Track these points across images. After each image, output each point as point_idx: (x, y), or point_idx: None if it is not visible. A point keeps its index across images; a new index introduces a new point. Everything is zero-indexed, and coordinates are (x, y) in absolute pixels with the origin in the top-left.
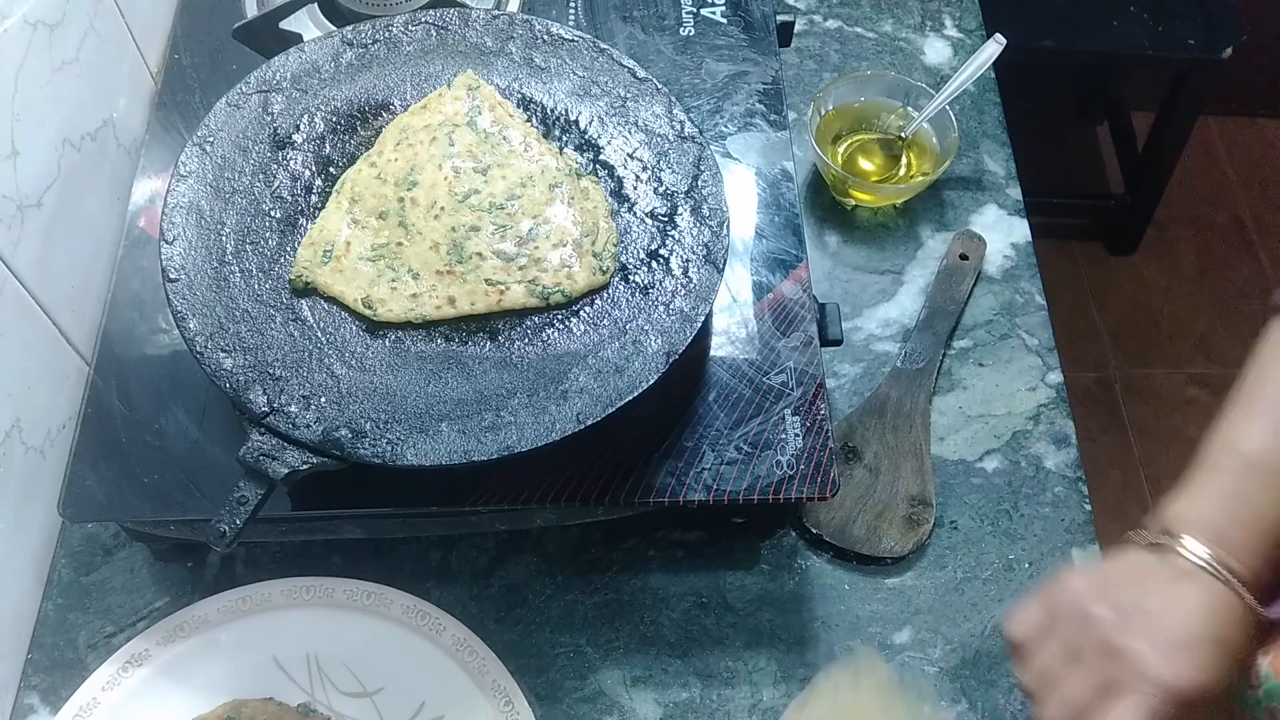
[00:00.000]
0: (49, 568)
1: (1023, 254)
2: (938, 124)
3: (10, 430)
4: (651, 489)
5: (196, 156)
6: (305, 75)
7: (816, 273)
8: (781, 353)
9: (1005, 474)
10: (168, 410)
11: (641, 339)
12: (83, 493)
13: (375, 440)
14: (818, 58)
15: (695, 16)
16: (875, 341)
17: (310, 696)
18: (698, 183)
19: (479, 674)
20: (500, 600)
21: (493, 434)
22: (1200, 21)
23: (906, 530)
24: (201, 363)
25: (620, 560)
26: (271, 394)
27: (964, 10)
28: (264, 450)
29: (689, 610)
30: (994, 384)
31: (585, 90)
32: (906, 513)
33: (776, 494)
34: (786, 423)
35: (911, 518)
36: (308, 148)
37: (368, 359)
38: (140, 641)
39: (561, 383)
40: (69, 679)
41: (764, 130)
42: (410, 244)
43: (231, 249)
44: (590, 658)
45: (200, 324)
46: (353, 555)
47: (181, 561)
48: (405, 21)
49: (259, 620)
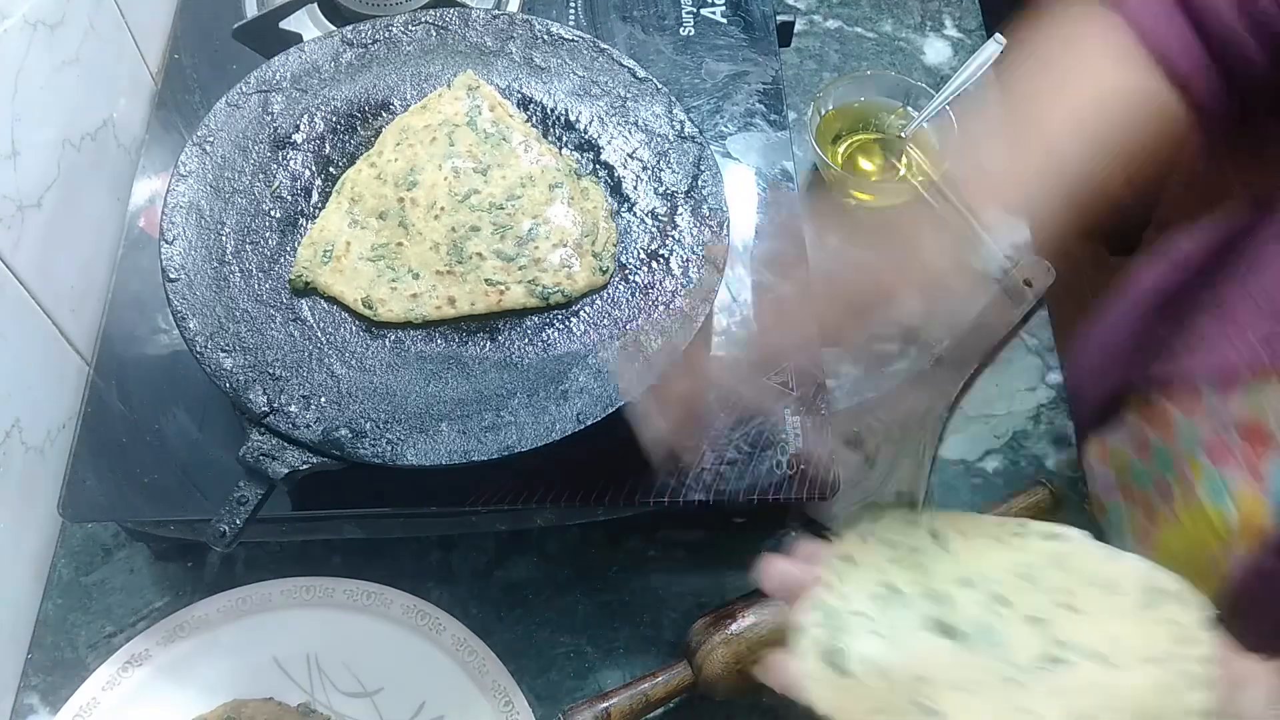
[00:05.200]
0: (49, 568)
1: (1023, 254)
2: (938, 124)
3: (10, 430)
4: (651, 489)
5: (196, 156)
6: (305, 75)
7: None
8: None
9: (1005, 474)
10: (168, 410)
11: (641, 339)
12: (83, 493)
13: (375, 440)
14: (818, 58)
15: (695, 16)
16: (875, 341)
17: (310, 696)
18: (698, 183)
19: (479, 674)
20: (500, 600)
21: (493, 434)
22: None
23: None
24: (201, 362)
25: (620, 560)
26: (271, 394)
27: (964, 10)
28: (264, 450)
29: (689, 610)
30: (994, 384)
31: (585, 90)
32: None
33: (776, 494)
34: (786, 423)
35: None
36: (308, 147)
37: (368, 359)
38: (140, 641)
39: (561, 383)
40: (69, 679)
41: (764, 130)
42: (410, 244)
43: (231, 249)
44: (590, 658)
45: (200, 324)
46: (353, 555)
47: (181, 561)
48: (405, 21)
49: (259, 620)
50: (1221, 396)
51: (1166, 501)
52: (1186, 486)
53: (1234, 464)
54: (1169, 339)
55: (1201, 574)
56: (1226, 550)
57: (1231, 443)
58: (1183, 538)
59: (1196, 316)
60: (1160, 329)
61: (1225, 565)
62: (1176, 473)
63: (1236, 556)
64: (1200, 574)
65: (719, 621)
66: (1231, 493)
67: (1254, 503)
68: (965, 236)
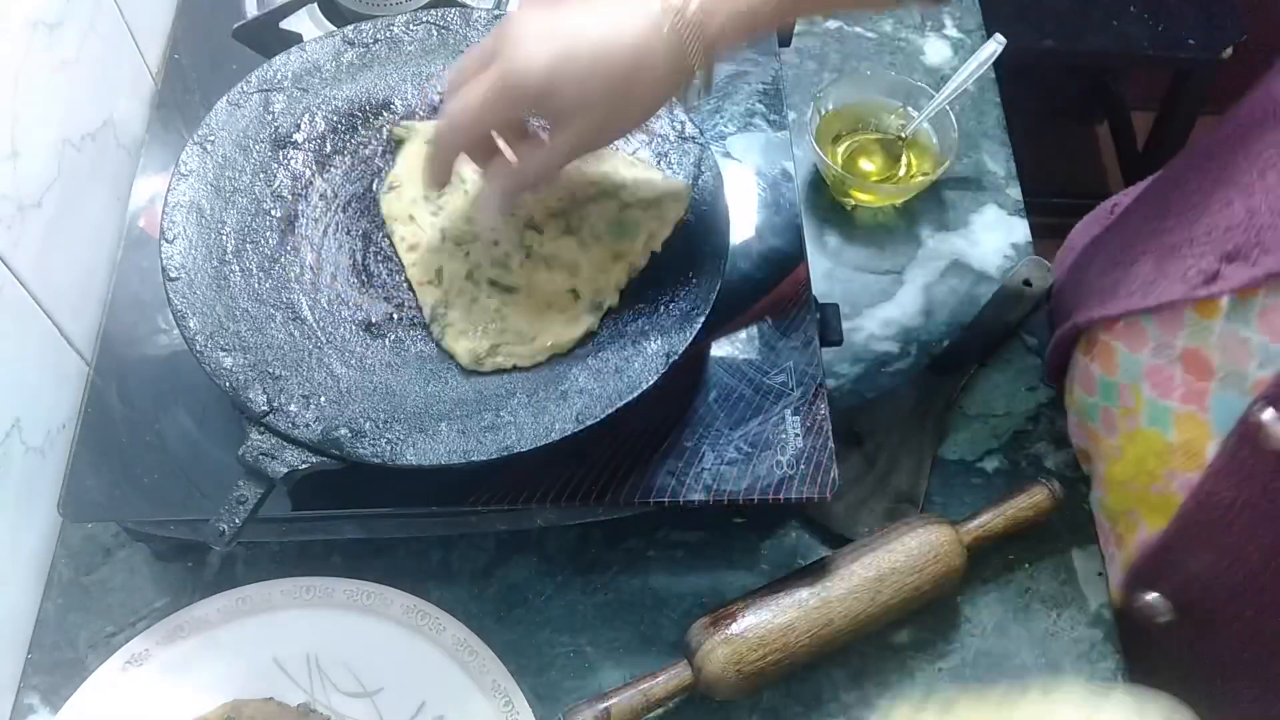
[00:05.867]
0: (49, 568)
1: (1023, 254)
2: (938, 124)
3: (10, 430)
4: (651, 489)
5: (197, 155)
6: (306, 74)
7: (816, 273)
8: (781, 353)
9: (1005, 474)
10: (168, 410)
11: (641, 339)
12: (83, 493)
13: (375, 440)
14: (818, 58)
15: None
16: (875, 341)
17: (310, 696)
18: (699, 183)
19: (479, 674)
20: (500, 600)
21: (492, 434)
22: (1200, 21)
23: (885, 521)
24: (201, 361)
25: (620, 560)
26: (271, 393)
27: (964, 10)
28: (263, 449)
29: (689, 610)
30: (994, 384)
31: None
32: (890, 506)
33: (776, 494)
34: (786, 423)
35: (894, 511)
36: (309, 147)
37: (368, 359)
38: (140, 641)
39: (561, 383)
40: (69, 679)
41: (764, 130)
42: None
43: (232, 248)
44: (590, 658)
45: (200, 323)
46: (353, 555)
47: (181, 561)
48: (407, 21)
49: (259, 620)
50: (1164, 330)
51: (1111, 433)
52: (1129, 415)
53: (1176, 395)
54: (1115, 285)
55: (1145, 501)
56: (1166, 468)
57: (1173, 373)
58: (1126, 467)
59: (1139, 259)
60: (1103, 278)
61: (1169, 487)
62: (1119, 404)
63: (1179, 477)
64: (1144, 501)
65: (719, 621)
66: (1171, 420)
67: (1196, 428)
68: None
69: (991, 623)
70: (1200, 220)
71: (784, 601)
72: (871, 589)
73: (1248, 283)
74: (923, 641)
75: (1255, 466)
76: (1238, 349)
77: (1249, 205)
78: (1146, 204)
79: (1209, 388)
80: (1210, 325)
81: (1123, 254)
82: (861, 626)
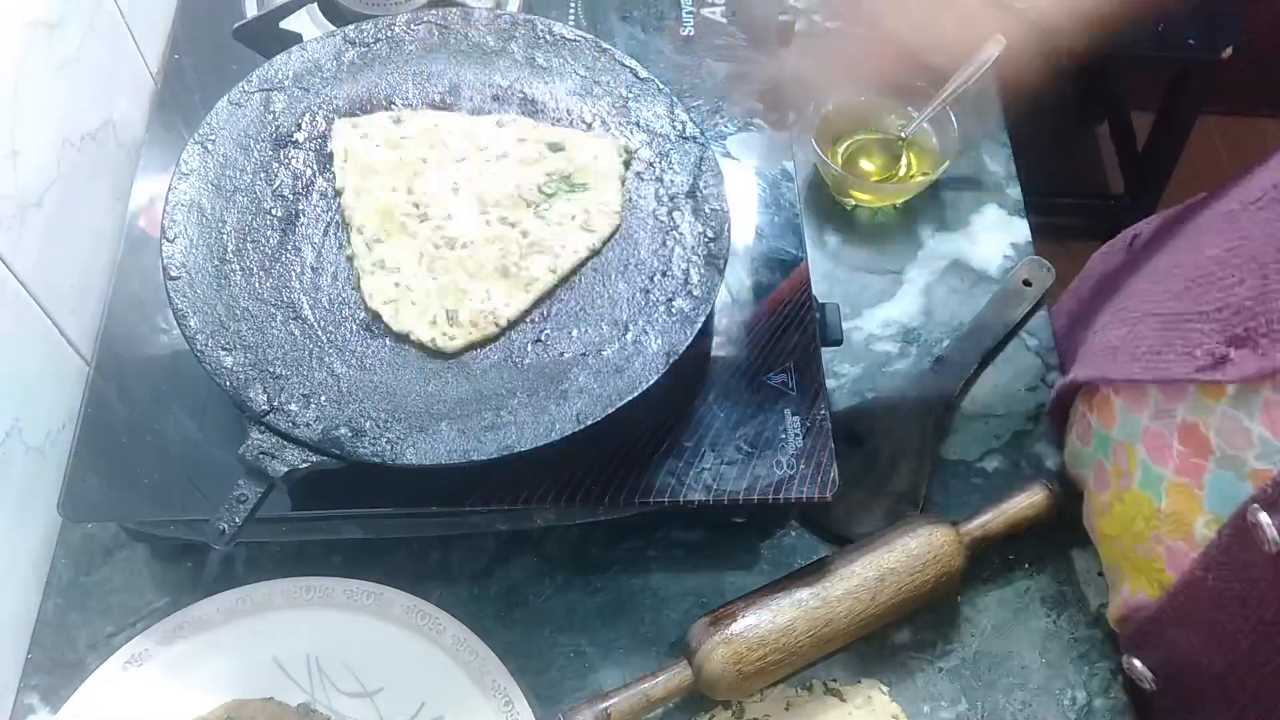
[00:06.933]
0: (49, 568)
1: (1023, 254)
2: (938, 124)
3: (10, 430)
4: (651, 489)
5: (198, 154)
6: (307, 74)
7: (816, 273)
8: (781, 353)
9: (1005, 474)
10: (168, 410)
11: (641, 339)
12: (83, 493)
13: (375, 439)
14: (818, 58)
15: (695, 16)
16: (875, 341)
17: (310, 696)
18: (699, 183)
19: (479, 674)
20: (500, 600)
21: (492, 434)
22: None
23: (885, 521)
24: (202, 361)
25: (620, 560)
26: (271, 392)
27: None
28: (264, 449)
29: (689, 610)
30: (994, 384)
31: (587, 90)
32: (890, 506)
33: (776, 494)
34: (786, 423)
35: (894, 511)
36: (309, 146)
37: (368, 358)
38: (140, 641)
39: (561, 383)
40: (69, 679)
41: (764, 130)
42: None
43: (233, 247)
44: (590, 658)
45: (201, 322)
46: (353, 555)
47: (181, 561)
48: (407, 20)
49: (259, 620)
50: (1166, 398)
51: (1102, 489)
52: (1122, 475)
53: (1171, 465)
54: (1121, 344)
55: (1130, 559)
56: (1154, 532)
57: (1171, 442)
58: (1113, 524)
59: (1145, 320)
60: (1109, 331)
61: (1154, 550)
62: (1113, 462)
63: (1166, 543)
64: (1128, 559)
65: (719, 621)
66: (1165, 488)
67: (1188, 500)
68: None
69: (991, 623)
70: (1210, 292)
71: (784, 601)
72: (871, 589)
73: (1255, 374)
74: (923, 641)
75: (1248, 560)
76: (1237, 436)
77: (1264, 289)
78: (1161, 255)
79: (1206, 465)
80: (1213, 407)
81: (1132, 307)
82: (861, 626)
